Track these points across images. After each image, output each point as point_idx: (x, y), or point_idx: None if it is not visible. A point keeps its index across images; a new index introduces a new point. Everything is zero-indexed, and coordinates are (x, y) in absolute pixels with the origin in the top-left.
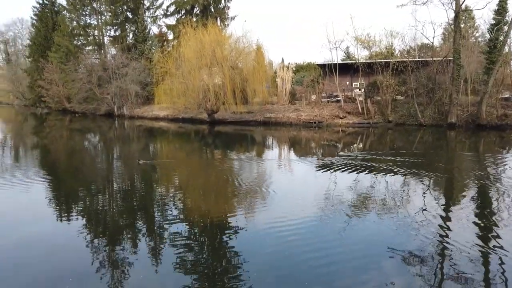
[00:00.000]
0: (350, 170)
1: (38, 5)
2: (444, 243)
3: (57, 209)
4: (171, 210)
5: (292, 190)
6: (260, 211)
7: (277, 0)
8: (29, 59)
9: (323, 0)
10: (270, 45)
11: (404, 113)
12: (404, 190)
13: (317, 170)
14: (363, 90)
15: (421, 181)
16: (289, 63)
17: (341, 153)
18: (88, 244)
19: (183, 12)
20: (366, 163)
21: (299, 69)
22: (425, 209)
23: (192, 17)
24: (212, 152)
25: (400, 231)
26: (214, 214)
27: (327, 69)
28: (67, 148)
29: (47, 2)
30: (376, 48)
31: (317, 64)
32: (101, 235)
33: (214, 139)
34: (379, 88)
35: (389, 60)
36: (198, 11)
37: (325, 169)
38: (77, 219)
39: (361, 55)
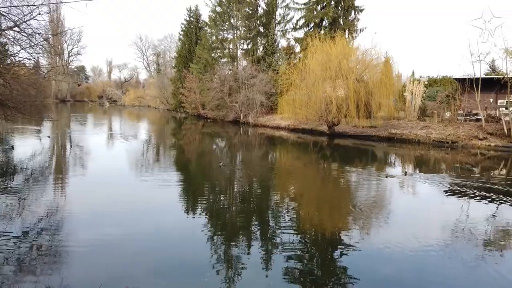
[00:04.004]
0: (487, 200)
1: (185, 22)
2: None
3: (186, 204)
4: (284, 218)
5: (414, 212)
6: (377, 231)
7: (394, 11)
8: (175, 69)
9: (447, 10)
10: (398, 56)
11: None
12: None
13: (446, 195)
14: (511, 109)
15: None
16: (420, 76)
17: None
18: (209, 238)
19: (311, 25)
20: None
21: (432, 83)
22: None
23: (320, 30)
24: (329, 165)
25: None
26: (327, 228)
27: (466, 84)
28: (198, 150)
29: (193, 19)
30: None
31: (454, 78)
32: (219, 232)
33: (332, 151)
34: None
35: None
36: (327, 24)
37: (456, 195)
38: (201, 214)
39: (510, 69)
